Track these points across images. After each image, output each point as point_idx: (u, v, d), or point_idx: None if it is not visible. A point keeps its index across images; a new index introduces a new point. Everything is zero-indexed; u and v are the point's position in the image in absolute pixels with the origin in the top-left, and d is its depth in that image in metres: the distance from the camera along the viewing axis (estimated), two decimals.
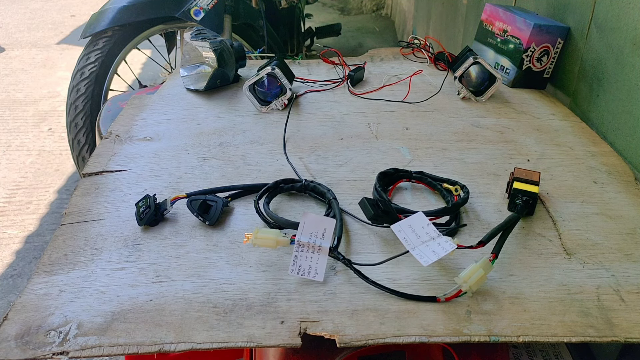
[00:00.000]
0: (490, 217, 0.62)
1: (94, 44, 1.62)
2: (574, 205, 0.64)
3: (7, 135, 2.41)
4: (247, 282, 0.52)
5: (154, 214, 0.60)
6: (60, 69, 3.21)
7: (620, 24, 0.79)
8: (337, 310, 0.49)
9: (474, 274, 0.49)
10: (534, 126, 0.84)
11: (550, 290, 0.51)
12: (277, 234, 0.53)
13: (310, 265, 0.51)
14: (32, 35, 3.84)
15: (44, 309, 0.49)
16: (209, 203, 0.61)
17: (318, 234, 0.52)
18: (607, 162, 0.74)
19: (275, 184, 0.64)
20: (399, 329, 0.47)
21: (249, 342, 0.46)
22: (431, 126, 0.84)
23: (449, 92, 0.96)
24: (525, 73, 0.98)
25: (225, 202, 0.62)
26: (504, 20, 1.01)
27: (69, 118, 1.61)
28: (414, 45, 1.17)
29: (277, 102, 0.89)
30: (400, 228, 0.54)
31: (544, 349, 0.67)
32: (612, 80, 0.82)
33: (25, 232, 1.78)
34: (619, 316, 0.48)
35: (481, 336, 0.46)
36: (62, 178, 2.08)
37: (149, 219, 0.59)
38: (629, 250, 0.57)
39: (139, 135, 0.82)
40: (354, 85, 1.00)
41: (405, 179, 0.68)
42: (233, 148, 0.77)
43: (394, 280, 0.52)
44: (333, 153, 0.76)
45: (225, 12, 1.73)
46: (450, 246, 0.50)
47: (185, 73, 1.00)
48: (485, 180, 0.69)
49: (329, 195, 0.63)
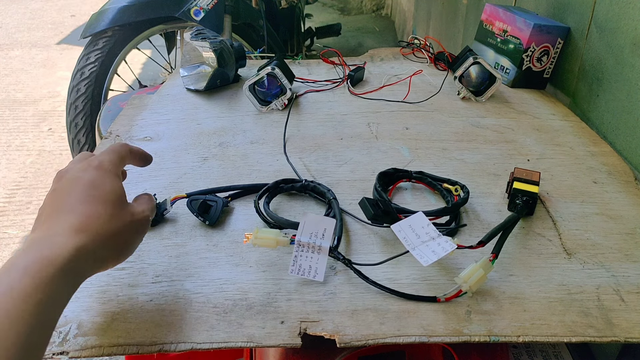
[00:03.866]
0: (490, 217, 0.62)
1: (94, 44, 1.62)
2: (574, 205, 0.64)
3: (7, 135, 2.41)
4: (247, 282, 0.52)
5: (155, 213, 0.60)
6: (60, 69, 3.21)
7: (620, 24, 0.79)
8: (337, 310, 0.49)
9: (474, 274, 0.49)
10: (534, 126, 0.84)
11: (550, 290, 0.51)
12: (277, 234, 0.53)
13: (310, 265, 0.51)
14: (32, 35, 3.85)
15: None
16: (209, 203, 0.61)
17: (318, 234, 0.52)
18: (607, 162, 0.74)
19: (275, 184, 0.64)
20: (399, 329, 0.47)
21: (249, 342, 0.46)
22: (431, 126, 0.84)
23: (449, 92, 0.96)
24: (525, 73, 0.98)
25: (225, 202, 0.62)
26: (504, 20, 1.01)
27: (69, 118, 1.61)
28: (414, 45, 1.17)
29: (277, 102, 0.89)
30: (400, 228, 0.54)
31: (544, 349, 0.67)
32: (612, 80, 0.82)
33: (25, 232, 1.78)
34: (619, 316, 0.48)
35: (481, 336, 0.46)
36: None
37: None
38: (629, 250, 0.57)
39: (139, 135, 0.82)
40: (354, 85, 1.00)
41: (405, 179, 0.68)
42: (233, 148, 0.77)
43: (394, 280, 0.52)
44: (333, 153, 0.76)
45: (225, 12, 1.73)
46: (450, 246, 0.50)
47: (185, 73, 1.00)
48: (485, 180, 0.69)
49: (329, 195, 0.63)
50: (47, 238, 0.38)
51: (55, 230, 0.39)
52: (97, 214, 0.40)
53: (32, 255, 0.36)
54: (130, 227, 0.43)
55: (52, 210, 0.41)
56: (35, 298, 0.34)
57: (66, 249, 0.37)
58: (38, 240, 0.38)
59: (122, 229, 0.42)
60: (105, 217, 0.41)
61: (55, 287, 0.36)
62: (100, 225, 0.40)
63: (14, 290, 0.34)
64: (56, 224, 0.39)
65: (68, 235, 0.38)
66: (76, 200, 0.41)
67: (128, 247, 0.44)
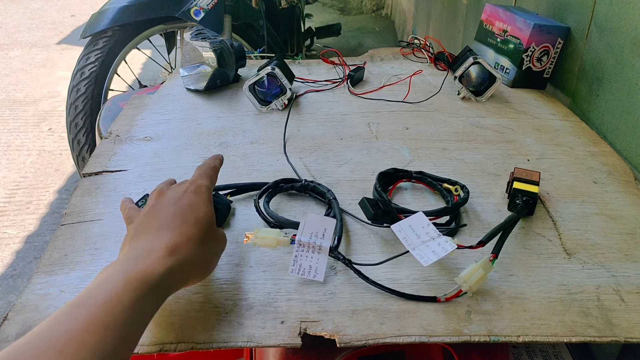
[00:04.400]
0: (490, 217, 0.62)
1: (94, 44, 1.62)
2: (574, 205, 0.64)
3: (7, 135, 2.41)
4: (247, 282, 0.52)
5: None
6: (60, 69, 3.21)
7: (620, 24, 0.79)
8: (337, 310, 0.49)
9: (474, 274, 0.49)
10: (534, 126, 0.84)
11: (550, 290, 0.51)
12: (278, 234, 0.53)
13: (310, 265, 0.51)
14: (32, 35, 3.85)
15: (44, 309, 0.49)
16: (215, 205, 0.61)
17: (318, 233, 0.52)
18: (607, 162, 0.74)
19: (275, 183, 0.64)
20: (399, 329, 0.47)
21: (249, 342, 0.46)
22: (431, 126, 0.84)
23: (449, 92, 0.96)
24: (525, 73, 0.98)
25: (229, 202, 0.62)
26: (504, 20, 1.01)
27: (69, 118, 1.61)
28: (414, 45, 1.17)
29: (277, 102, 0.89)
30: (400, 228, 0.54)
31: (544, 349, 0.67)
32: (612, 80, 0.82)
33: (25, 232, 1.78)
34: (619, 316, 0.48)
35: (481, 336, 0.46)
36: (62, 178, 2.09)
37: None
38: (629, 250, 0.57)
39: (139, 135, 0.82)
40: (354, 85, 1.00)
41: (405, 179, 0.68)
42: (233, 148, 0.77)
43: (394, 280, 0.52)
44: (333, 153, 0.76)
45: (225, 12, 1.73)
46: (451, 246, 0.50)
47: (185, 73, 1.00)
48: (485, 180, 0.69)
49: (328, 195, 0.63)
50: (145, 255, 0.41)
51: (153, 246, 0.42)
52: (191, 236, 0.43)
53: (131, 269, 0.39)
54: (214, 250, 0.48)
55: (150, 224, 0.44)
56: (134, 309, 0.36)
57: (161, 266, 0.40)
58: (136, 254, 0.41)
59: (208, 251, 0.46)
60: (197, 240, 0.44)
61: (148, 303, 0.38)
62: (192, 246, 0.43)
63: (116, 300, 0.36)
64: (153, 239, 0.42)
65: (164, 253, 0.41)
66: (174, 220, 0.44)
67: (209, 267, 0.47)
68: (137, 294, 0.37)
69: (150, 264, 0.40)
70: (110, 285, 0.37)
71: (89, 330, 0.34)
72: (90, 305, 0.35)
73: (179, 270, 0.41)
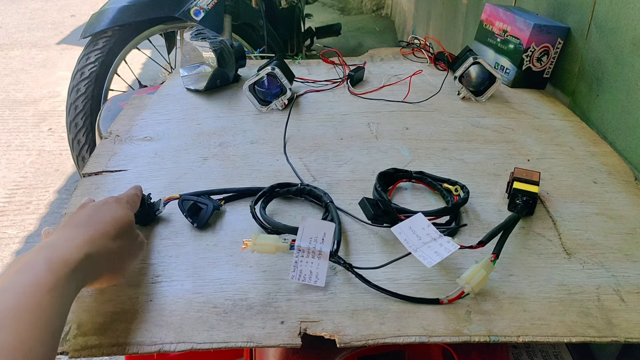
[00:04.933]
0: (490, 217, 0.62)
1: (94, 44, 1.62)
2: (574, 205, 0.64)
3: (7, 135, 2.41)
4: (247, 282, 0.52)
5: (146, 213, 0.59)
6: (60, 69, 3.21)
7: (620, 24, 0.79)
8: (337, 310, 0.49)
9: (476, 275, 0.49)
10: (534, 126, 0.84)
11: (550, 290, 0.51)
12: (277, 240, 0.53)
13: (311, 271, 0.51)
14: (32, 35, 3.84)
15: None
16: (199, 205, 0.60)
17: (318, 238, 0.52)
18: (607, 162, 0.74)
19: (270, 188, 0.64)
20: (399, 329, 0.47)
21: (249, 342, 0.46)
22: (431, 126, 0.84)
23: (449, 92, 0.96)
24: (525, 73, 0.98)
25: (217, 206, 0.61)
26: (504, 20, 1.01)
27: (69, 118, 1.61)
28: (414, 45, 1.17)
29: (277, 102, 0.89)
30: (400, 230, 0.54)
31: (543, 349, 0.67)
32: (612, 80, 0.82)
33: (25, 232, 1.78)
34: (619, 316, 0.48)
35: (481, 336, 0.46)
36: (62, 178, 2.09)
37: (138, 218, 0.57)
38: (629, 250, 0.57)
39: (139, 135, 0.82)
40: (354, 85, 1.00)
41: (405, 179, 0.68)
42: (233, 148, 0.77)
43: (394, 281, 0.52)
44: (333, 153, 0.76)
45: (225, 12, 1.73)
46: (453, 246, 0.50)
47: (185, 73, 1.00)
48: (485, 180, 0.69)
49: (325, 198, 0.62)
50: (64, 242, 0.43)
51: (71, 237, 0.45)
52: (107, 232, 0.47)
53: (51, 255, 0.41)
54: (129, 250, 0.50)
55: (70, 223, 0.48)
56: (57, 292, 0.38)
57: (79, 252, 0.42)
58: (55, 242, 0.43)
59: (122, 249, 0.48)
60: (112, 236, 0.47)
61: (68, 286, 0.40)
62: (107, 241, 0.46)
63: (40, 283, 0.38)
64: (72, 233, 0.45)
65: (82, 243, 0.44)
66: (92, 219, 0.48)
67: (123, 265, 0.50)
68: (59, 276, 0.39)
69: (69, 249, 0.42)
70: (35, 269, 0.39)
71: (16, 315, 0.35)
72: (16, 288, 0.37)
73: (94, 260, 0.44)
